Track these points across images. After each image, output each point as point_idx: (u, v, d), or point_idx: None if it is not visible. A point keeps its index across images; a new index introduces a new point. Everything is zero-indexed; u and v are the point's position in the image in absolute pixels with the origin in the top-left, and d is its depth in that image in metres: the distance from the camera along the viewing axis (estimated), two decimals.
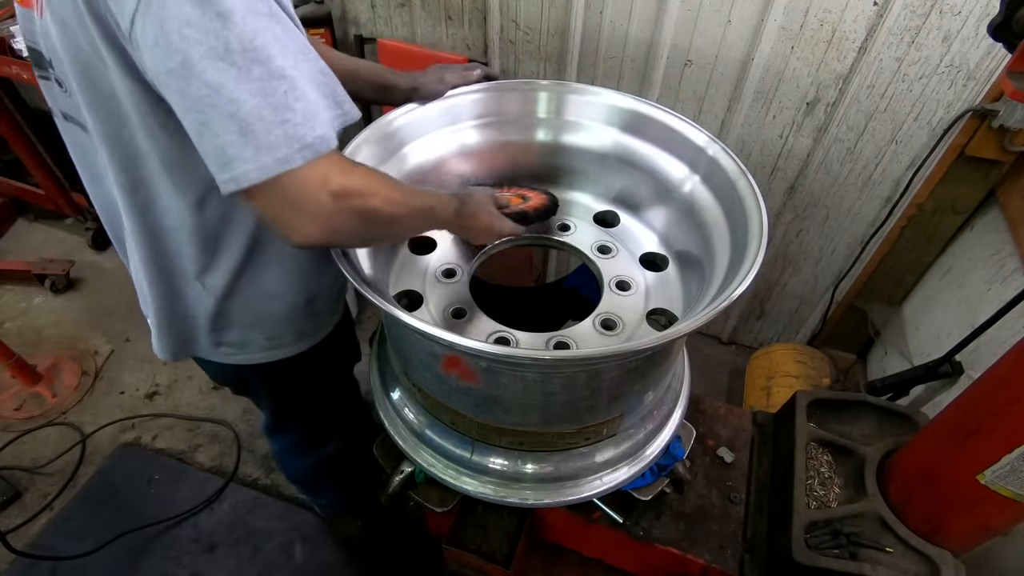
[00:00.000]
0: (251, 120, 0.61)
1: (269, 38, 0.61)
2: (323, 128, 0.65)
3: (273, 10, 0.63)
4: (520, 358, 0.76)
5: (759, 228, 0.88)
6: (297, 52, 0.64)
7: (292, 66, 0.63)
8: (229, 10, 0.58)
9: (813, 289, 2.22)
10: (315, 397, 1.31)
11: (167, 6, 0.58)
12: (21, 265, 2.68)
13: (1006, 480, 0.87)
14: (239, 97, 0.60)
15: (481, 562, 1.20)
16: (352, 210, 0.69)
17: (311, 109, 0.64)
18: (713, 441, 1.35)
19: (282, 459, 1.63)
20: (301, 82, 0.63)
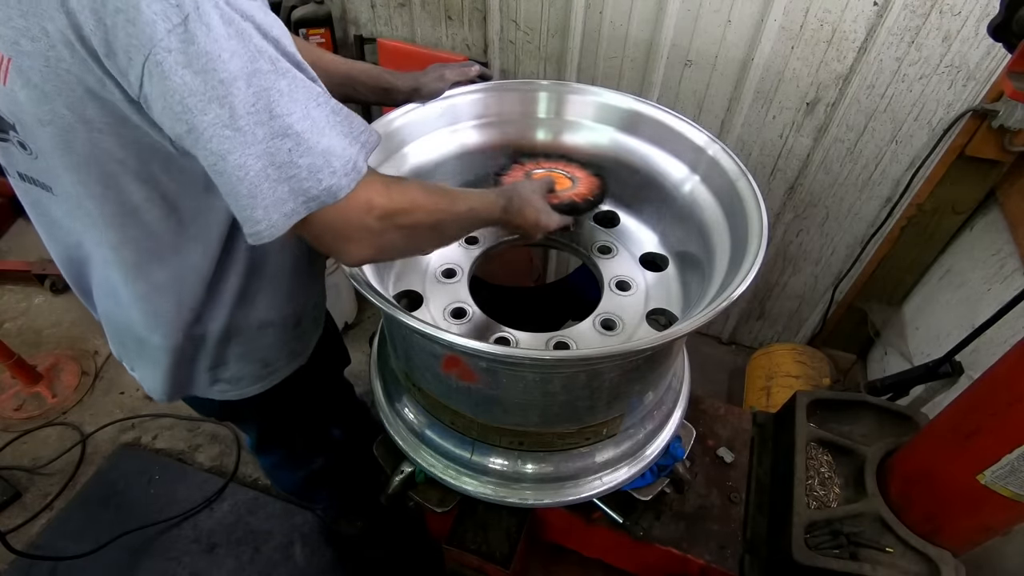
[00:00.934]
0: (258, 182, 0.62)
1: (275, 96, 0.61)
2: (333, 177, 0.65)
3: (278, 65, 0.61)
4: (520, 358, 0.76)
5: (759, 228, 0.88)
6: (307, 101, 0.63)
7: (301, 118, 0.62)
8: (232, 76, 0.58)
9: (813, 289, 2.22)
10: (302, 414, 1.29)
11: (168, 77, 0.57)
12: (21, 265, 2.67)
13: (1006, 480, 0.88)
14: (245, 163, 0.61)
15: (481, 562, 1.20)
16: (398, 227, 0.72)
17: (317, 163, 0.63)
18: (713, 441, 1.35)
19: (272, 474, 1.62)
20: (310, 134, 0.63)
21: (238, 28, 0.58)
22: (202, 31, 0.56)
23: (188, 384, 1.03)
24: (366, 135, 0.70)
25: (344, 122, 0.67)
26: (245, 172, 0.61)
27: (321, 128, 0.64)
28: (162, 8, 0.55)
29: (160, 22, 0.55)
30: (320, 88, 0.66)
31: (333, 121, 0.66)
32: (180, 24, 0.55)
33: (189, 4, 0.55)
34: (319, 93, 0.65)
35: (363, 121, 0.70)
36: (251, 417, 1.23)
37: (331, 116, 0.65)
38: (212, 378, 1.03)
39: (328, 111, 0.65)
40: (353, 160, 0.66)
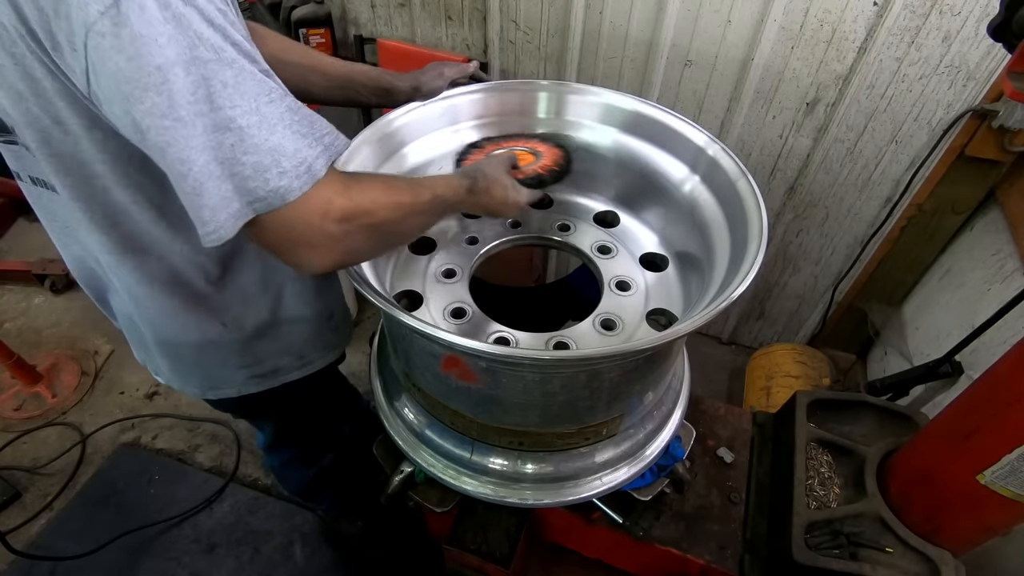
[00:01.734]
0: (202, 179, 0.58)
1: (216, 86, 0.56)
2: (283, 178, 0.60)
3: (222, 55, 0.57)
4: (520, 358, 0.76)
5: (759, 228, 0.88)
6: (257, 96, 0.59)
7: (247, 112, 0.58)
8: (169, 62, 0.54)
9: (813, 289, 2.22)
10: (322, 408, 1.31)
11: (106, 63, 0.54)
12: (21, 265, 2.68)
13: (1006, 480, 0.87)
14: (187, 157, 0.57)
15: (481, 562, 1.20)
16: (361, 228, 0.68)
17: (264, 162, 0.59)
18: (713, 441, 1.35)
19: (281, 473, 1.61)
20: (256, 130, 0.59)
21: (175, 12, 0.54)
22: (135, 13, 0.52)
23: (220, 382, 1.04)
24: (330, 138, 0.65)
25: (302, 121, 0.63)
26: (188, 167, 0.57)
27: (272, 125, 0.60)
28: None
29: (91, 4, 0.52)
30: (275, 84, 0.62)
31: (288, 119, 0.61)
32: (112, 5, 0.52)
33: None
34: (272, 88, 0.61)
35: (327, 124, 0.67)
36: (273, 411, 1.24)
37: (286, 114, 0.61)
38: (247, 374, 1.04)
39: (283, 108, 0.61)
40: (308, 162, 0.62)
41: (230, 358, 1.01)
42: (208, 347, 0.97)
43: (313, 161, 0.63)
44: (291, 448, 1.43)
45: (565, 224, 1.19)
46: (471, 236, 1.16)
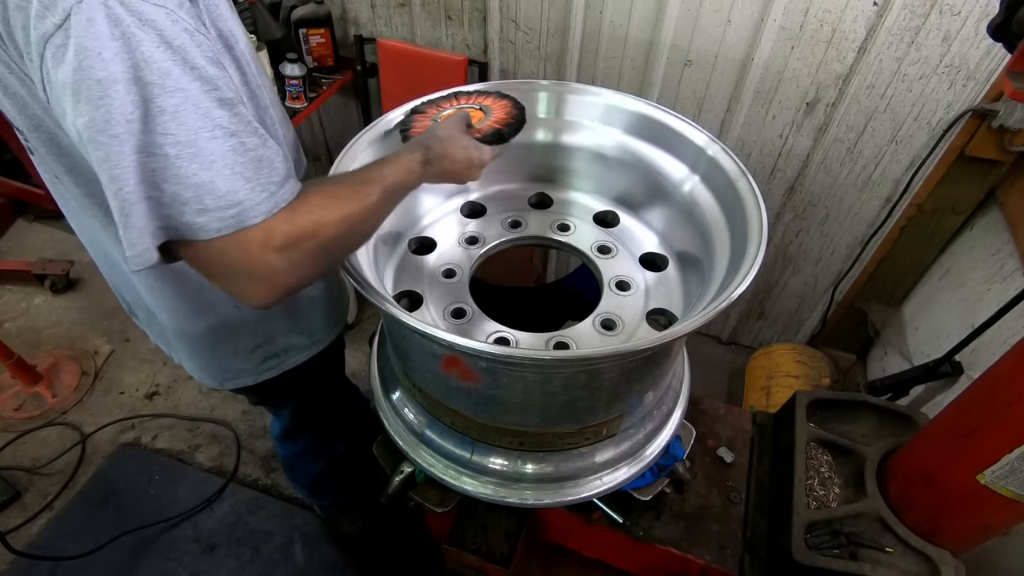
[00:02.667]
0: (132, 200, 0.56)
1: (154, 110, 0.55)
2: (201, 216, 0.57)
3: (167, 82, 0.55)
4: (520, 358, 0.76)
5: (759, 228, 0.88)
6: (199, 129, 0.56)
7: (177, 143, 0.56)
8: (111, 78, 0.53)
9: (813, 289, 2.22)
10: (333, 390, 1.33)
11: (56, 73, 0.54)
12: (21, 265, 2.67)
13: (1006, 480, 0.87)
14: (121, 175, 0.55)
15: (481, 562, 1.20)
16: (307, 253, 0.64)
17: (184, 195, 0.56)
18: (713, 441, 1.35)
19: (292, 464, 1.61)
20: (183, 162, 0.56)
21: (124, 31, 0.53)
22: (82, 25, 0.52)
23: (238, 373, 1.07)
24: (276, 186, 0.61)
25: (247, 164, 0.59)
26: (119, 186, 0.55)
27: (208, 161, 0.57)
28: (49, 1, 0.52)
29: (49, 18, 0.52)
30: (231, 118, 0.58)
31: (231, 160, 0.58)
32: (65, 19, 0.52)
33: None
34: (222, 125, 0.57)
35: (281, 172, 0.62)
36: (290, 395, 1.25)
37: (228, 153, 0.58)
38: (262, 355, 1.06)
39: (227, 147, 0.57)
40: (239, 206, 0.58)
41: (244, 340, 1.02)
42: (223, 331, 0.98)
43: (249, 208, 0.59)
44: (306, 435, 1.44)
45: (565, 224, 1.19)
46: (471, 236, 1.16)
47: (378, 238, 1.06)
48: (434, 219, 1.20)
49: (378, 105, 2.41)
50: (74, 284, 2.73)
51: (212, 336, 0.98)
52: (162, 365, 2.43)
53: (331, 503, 1.84)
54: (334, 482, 1.67)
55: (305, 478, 1.66)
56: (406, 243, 1.14)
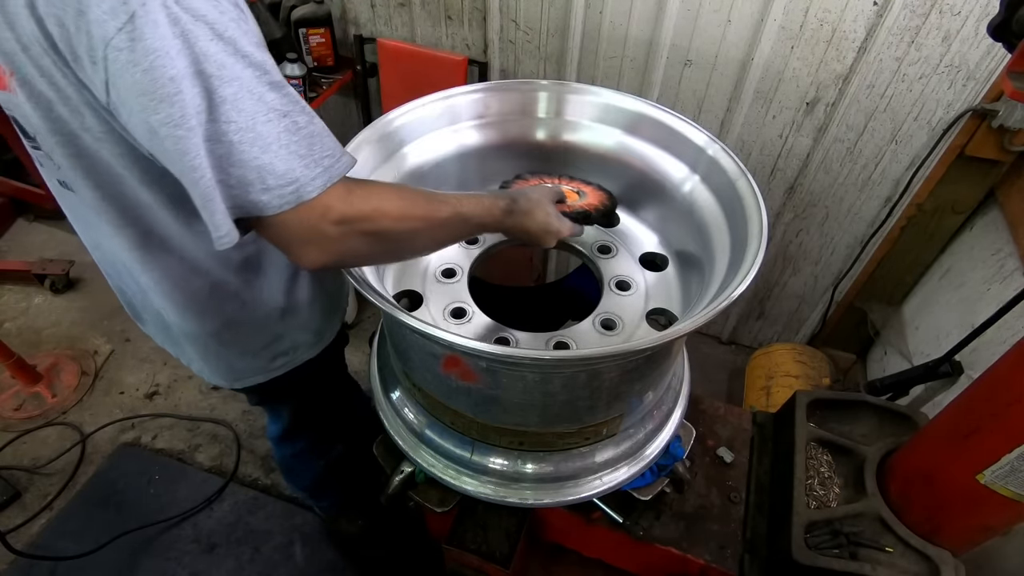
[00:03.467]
0: (213, 185, 0.61)
1: (216, 100, 0.59)
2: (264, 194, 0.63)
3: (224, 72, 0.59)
4: (520, 358, 0.76)
5: (759, 228, 0.88)
6: (255, 114, 0.61)
7: (239, 129, 0.60)
8: (180, 74, 0.57)
9: (813, 289, 2.22)
10: (334, 388, 1.34)
11: (123, 75, 0.57)
12: (21, 265, 2.67)
13: (1006, 480, 0.88)
14: (199, 164, 0.60)
15: (481, 562, 1.20)
16: (360, 234, 0.70)
17: (249, 177, 0.62)
18: (713, 441, 1.35)
19: (290, 465, 1.61)
20: (247, 147, 0.61)
21: (183, 29, 0.56)
22: (149, 28, 0.55)
23: (244, 372, 1.08)
24: (331, 159, 0.66)
25: (301, 143, 0.64)
26: (200, 175, 0.60)
27: (265, 144, 0.61)
28: (110, 6, 0.54)
29: (109, 20, 0.54)
30: (281, 99, 0.63)
31: (286, 140, 0.62)
32: (128, 22, 0.54)
33: (135, 1, 0.54)
34: (275, 107, 0.62)
35: (331, 146, 0.67)
36: (291, 395, 1.26)
37: (283, 134, 0.62)
38: (269, 355, 1.08)
39: (281, 128, 0.62)
40: (297, 183, 0.63)
41: (252, 340, 1.03)
42: (231, 331, 1.00)
43: (305, 183, 0.64)
44: (305, 435, 1.44)
45: None
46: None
47: None
48: None
49: (378, 105, 2.41)
50: (74, 284, 2.73)
51: (220, 337, 1.00)
52: (162, 365, 2.43)
53: (330, 503, 1.84)
54: (333, 482, 1.67)
55: (303, 479, 1.66)
56: None
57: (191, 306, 0.94)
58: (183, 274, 0.89)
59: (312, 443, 1.47)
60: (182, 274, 0.89)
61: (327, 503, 1.84)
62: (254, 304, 0.98)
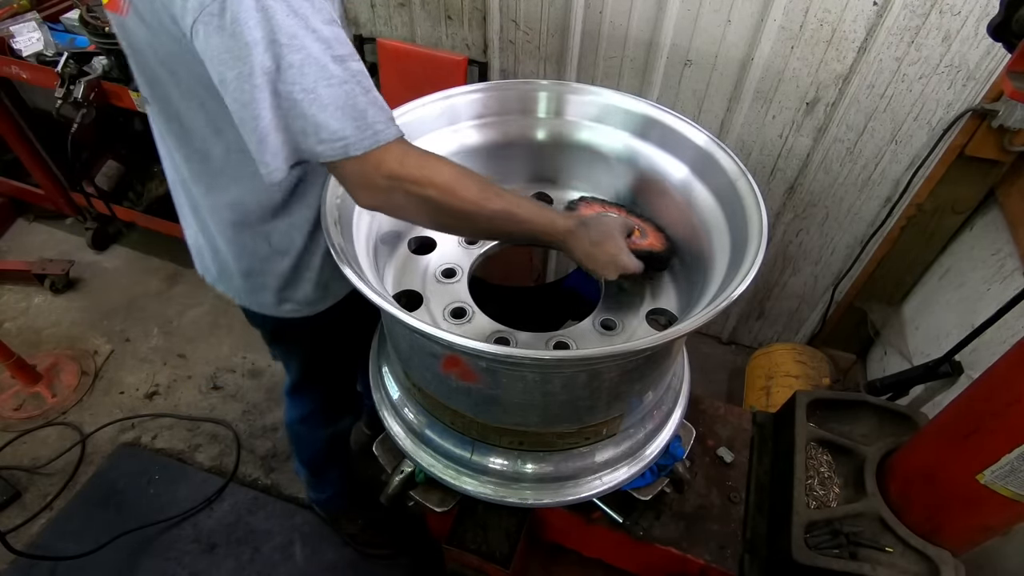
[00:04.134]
0: (267, 131, 0.73)
1: (285, 65, 0.70)
2: (319, 145, 0.74)
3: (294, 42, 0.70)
4: (520, 358, 0.76)
5: (759, 228, 0.88)
6: (317, 80, 0.72)
7: (302, 91, 0.72)
8: (255, 41, 0.69)
9: (813, 289, 2.22)
10: (344, 345, 1.36)
11: (210, 37, 0.71)
12: (21, 265, 2.67)
13: (1006, 480, 0.88)
14: (259, 113, 0.72)
15: (481, 562, 1.20)
16: (406, 193, 0.79)
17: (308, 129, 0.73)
18: (713, 441, 1.35)
19: (297, 432, 1.64)
20: (307, 106, 0.72)
21: (264, 4, 0.68)
22: (236, 3, 0.68)
23: (260, 303, 1.17)
24: (381, 126, 0.76)
25: (355, 107, 0.74)
26: (258, 121, 0.72)
27: (323, 105, 0.72)
28: None
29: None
30: (342, 71, 0.73)
31: (341, 103, 0.73)
32: None
33: None
34: (335, 75, 0.72)
35: (384, 115, 0.77)
36: (303, 339, 1.30)
37: (340, 99, 0.73)
38: (280, 299, 1.15)
39: (341, 93, 0.73)
40: (345, 142, 0.74)
41: (269, 278, 1.11)
42: (255, 263, 1.09)
43: (354, 143, 0.75)
44: (313, 394, 1.49)
45: None
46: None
47: (378, 238, 1.06)
48: None
49: None
50: (74, 284, 2.73)
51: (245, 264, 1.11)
52: (162, 365, 2.43)
53: (330, 495, 1.84)
54: (334, 464, 1.69)
55: (307, 451, 1.68)
56: (406, 243, 1.14)
57: (226, 232, 1.05)
58: (227, 204, 1.01)
59: (319, 407, 1.52)
60: (226, 203, 1.01)
61: (327, 495, 1.84)
62: (278, 243, 1.07)
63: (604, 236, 0.92)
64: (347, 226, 0.94)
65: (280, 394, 2.33)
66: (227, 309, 2.64)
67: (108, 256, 2.88)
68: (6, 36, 2.08)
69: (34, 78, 2.08)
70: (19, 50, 2.07)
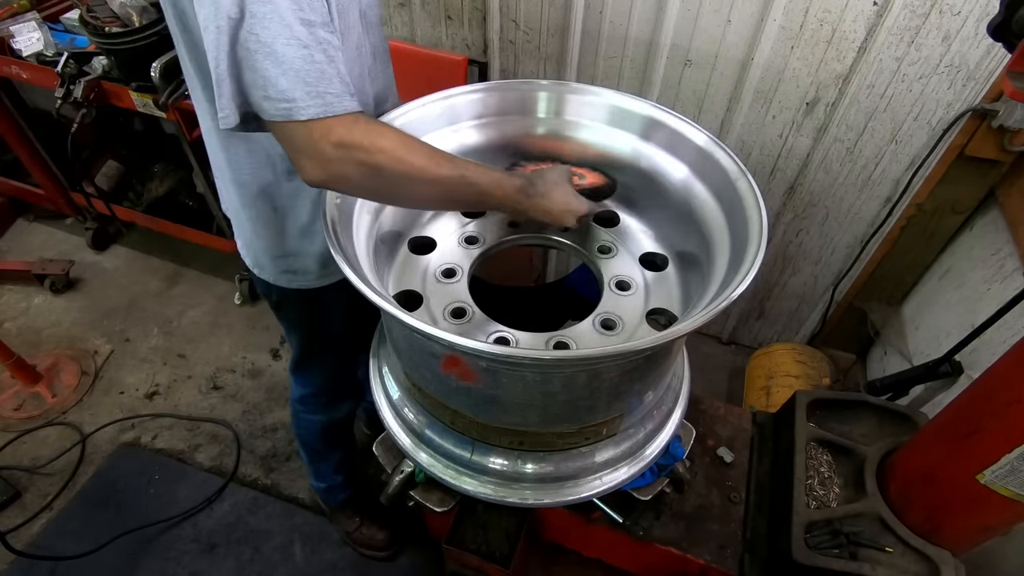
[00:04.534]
0: (223, 75, 0.73)
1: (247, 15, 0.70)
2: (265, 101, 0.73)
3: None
4: (520, 358, 0.76)
5: (759, 228, 0.88)
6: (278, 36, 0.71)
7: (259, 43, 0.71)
8: None
9: (813, 289, 2.22)
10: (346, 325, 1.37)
11: None
12: (21, 265, 2.67)
13: (1006, 480, 0.88)
14: (218, 55, 0.72)
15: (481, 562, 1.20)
16: (356, 162, 0.76)
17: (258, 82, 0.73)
18: (713, 441, 1.35)
19: (298, 411, 1.65)
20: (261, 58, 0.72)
21: None
22: None
23: (261, 264, 1.20)
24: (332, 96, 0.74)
25: (310, 72, 0.73)
26: (217, 63, 0.73)
27: (277, 61, 0.72)
28: None
29: None
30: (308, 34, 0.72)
31: (298, 66, 0.72)
32: None
33: None
34: (298, 37, 0.72)
35: (339, 87, 0.75)
36: (304, 312, 1.32)
37: (297, 60, 0.72)
38: (280, 266, 1.18)
39: (298, 55, 0.72)
40: (292, 103, 0.73)
41: (273, 245, 1.14)
42: (260, 226, 1.12)
43: (301, 107, 0.73)
44: (313, 372, 1.50)
45: None
46: (471, 236, 1.16)
47: (378, 238, 1.06)
48: (434, 219, 1.20)
49: None
50: (74, 284, 2.73)
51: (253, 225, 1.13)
52: (162, 365, 2.43)
53: (328, 487, 1.83)
54: (337, 448, 1.71)
55: (306, 433, 1.68)
56: (406, 243, 1.14)
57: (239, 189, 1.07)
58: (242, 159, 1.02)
59: (318, 390, 1.53)
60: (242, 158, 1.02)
61: (325, 484, 1.83)
62: (284, 212, 1.09)
63: (551, 187, 0.93)
64: (347, 226, 0.94)
65: (280, 395, 2.34)
66: (227, 309, 2.64)
67: (108, 256, 2.88)
68: (6, 36, 2.08)
69: (34, 78, 2.08)
70: (19, 50, 2.07)
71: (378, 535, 1.87)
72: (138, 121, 2.77)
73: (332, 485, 1.83)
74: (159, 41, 1.88)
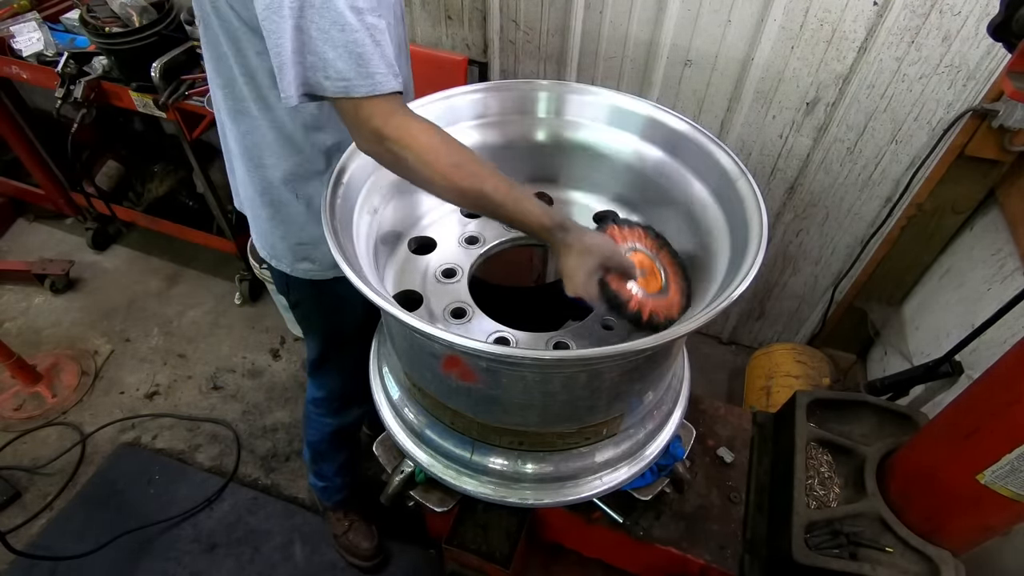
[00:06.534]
0: (286, 60, 0.81)
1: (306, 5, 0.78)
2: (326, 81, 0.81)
3: None
4: (520, 358, 0.76)
5: (759, 228, 0.88)
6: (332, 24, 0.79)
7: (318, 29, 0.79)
8: None
9: (813, 289, 2.22)
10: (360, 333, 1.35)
11: None
12: (21, 265, 2.67)
13: (1006, 480, 0.88)
14: (281, 43, 0.80)
15: (481, 562, 1.20)
16: (387, 151, 0.84)
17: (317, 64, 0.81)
18: (713, 441, 1.35)
19: (309, 412, 1.66)
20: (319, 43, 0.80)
21: None
22: None
23: (278, 254, 1.22)
24: (381, 77, 0.82)
25: (362, 55, 0.81)
26: (280, 50, 0.80)
27: (334, 45, 0.80)
28: None
29: None
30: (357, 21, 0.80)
31: (351, 49, 0.80)
32: None
33: None
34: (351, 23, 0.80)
35: (386, 68, 0.83)
36: (321, 307, 1.34)
37: (350, 44, 0.80)
38: (299, 254, 1.20)
39: (350, 39, 0.80)
40: (346, 82, 0.81)
41: (291, 232, 1.17)
42: (277, 211, 1.15)
43: (355, 85, 0.81)
44: (329, 376, 1.51)
45: None
46: (471, 236, 1.16)
47: (378, 238, 1.06)
48: (434, 219, 1.20)
49: None
50: (74, 284, 2.73)
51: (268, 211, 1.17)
52: (162, 365, 2.43)
53: (325, 487, 1.83)
54: (335, 458, 1.71)
55: (314, 433, 1.69)
56: (406, 243, 1.14)
57: (254, 174, 1.11)
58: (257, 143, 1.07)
59: (331, 395, 1.55)
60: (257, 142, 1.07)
61: (323, 484, 1.82)
62: (306, 198, 1.12)
63: (581, 251, 0.85)
64: (347, 226, 0.94)
65: (280, 395, 2.34)
66: (227, 309, 2.64)
67: (108, 256, 2.88)
68: (6, 36, 2.08)
69: (34, 78, 2.08)
70: (19, 50, 2.07)
71: (363, 544, 1.85)
72: (138, 121, 2.77)
73: (329, 487, 1.83)
74: (159, 41, 1.88)
